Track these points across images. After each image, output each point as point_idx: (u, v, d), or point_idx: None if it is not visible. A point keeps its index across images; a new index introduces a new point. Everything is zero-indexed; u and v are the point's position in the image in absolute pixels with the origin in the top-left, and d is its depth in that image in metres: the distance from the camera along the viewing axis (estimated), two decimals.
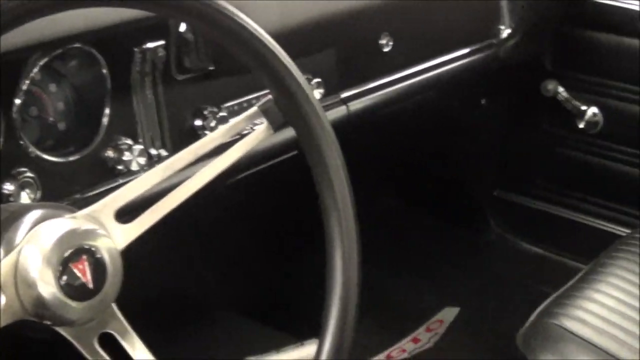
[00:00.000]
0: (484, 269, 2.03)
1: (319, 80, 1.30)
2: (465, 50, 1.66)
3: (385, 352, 1.75)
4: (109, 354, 0.80)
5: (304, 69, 0.89)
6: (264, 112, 0.85)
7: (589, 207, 1.94)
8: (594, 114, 1.83)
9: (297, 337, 1.38)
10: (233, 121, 0.86)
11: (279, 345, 1.30)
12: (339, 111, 1.36)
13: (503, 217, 2.08)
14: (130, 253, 0.81)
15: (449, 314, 1.88)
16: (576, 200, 1.96)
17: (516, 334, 1.28)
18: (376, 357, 1.73)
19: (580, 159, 1.92)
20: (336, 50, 1.35)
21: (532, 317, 1.30)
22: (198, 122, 1.13)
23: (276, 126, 0.84)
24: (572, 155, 1.93)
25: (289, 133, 0.87)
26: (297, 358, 1.16)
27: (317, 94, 1.30)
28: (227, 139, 0.85)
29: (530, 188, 2.03)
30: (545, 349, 1.21)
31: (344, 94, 1.37)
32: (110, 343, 0.81)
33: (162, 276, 1.53)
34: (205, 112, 1.13)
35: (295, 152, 1.20)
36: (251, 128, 0.86)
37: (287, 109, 0.84)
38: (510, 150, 2.03)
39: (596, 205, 1.93)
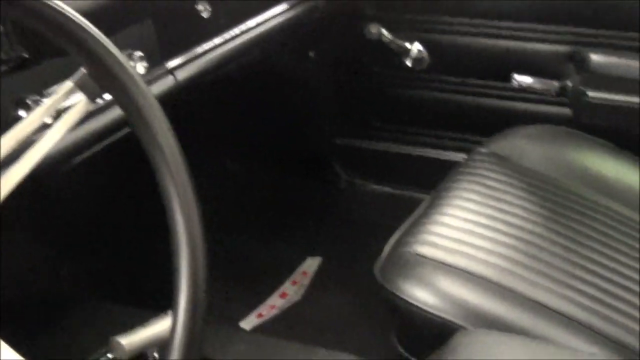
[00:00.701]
0: (338, 216, 2.08)
1: (140, 54, 1.28)
2: (285, 6, 1.68)
3: (255, 312, 1.78)
4: None
5: (123, 44, 0.88)
6: (80, 86, 0.84)
7: (428, 140, 2.02)
8: (419, 51, 1.89)
9: (164, 309, 1.38)
10: (49, 100, 0.84)
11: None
12: (167, 82, 1.35)
13: (348, 162, 2.13)
14: None
15: (311, 264, 1.92)
16: (414, 135, 2.03)
17: (373, 268, 1.32)
18: (247, 319, 1.75)
19: (412, 95, 1.99)
20: (154, 21, 1.34)
21: (386, 250, 1.35)
22: (22, 112, 1.11)
23: (94, 98, 0.83)
24: (404, 93, 2.00)
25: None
26: (165, 327, 1.16)
27: (141, 68, 1.28)
28: (49, 120, 0.84)
29: (369, 131, 2.08)
30: (402, 276, 1.26)
31: (169, 64, 1.37)
32: None
33: (15, 273, 1.50)
34: (28, 101, 1.11)
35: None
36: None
37: (102, 79, 0.83)
38: (344, 97, 2.08)
39: (434, 137, 2.01)
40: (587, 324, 1.19)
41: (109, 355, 1.39)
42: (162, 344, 1.16)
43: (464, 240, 1.31)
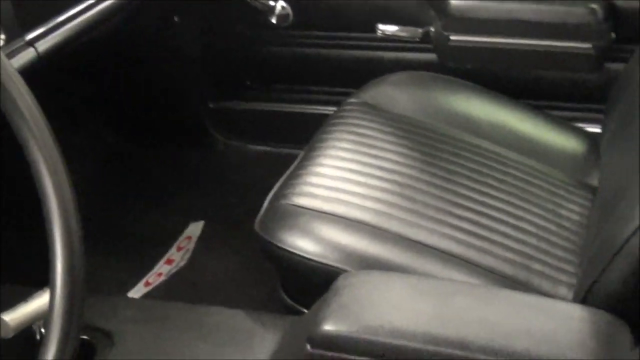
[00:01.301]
0: (217, 179, 2.08)
1: None
2: None
3: (143, 281, 1.77)
4: None
5: None
6: None
7: (300, 96, 2.04)
8: (283, 7, 1.90)
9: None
10: None
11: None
12: (28, 54, 1.32)
13: (224, 125, 2.13)
14: None
15: (195, 229, 1.92)
16: (287, 93, 2.05)
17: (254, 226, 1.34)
18: (134, 288, 1.75)
19: (281, 53, 2.00)
20: None
21: (265, 204, 1.37)
22: None
23: None
24: (272, 51, 2.01)
25: None
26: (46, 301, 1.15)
27: None
28: None
29: (242, 92, 2.09)
30: (282, 228, 1.28)
31: (29, 36, 1.34)
32: None
33: None
34: None
35: None
36: None
37: None
38: (214, 60, 2.07)
39: (306, 93, 2.03)
40: (463, 257, 1.24)
41: None
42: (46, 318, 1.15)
43: (339, 188, 1.34)
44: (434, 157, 1.44)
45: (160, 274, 1.79)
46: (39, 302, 1.02)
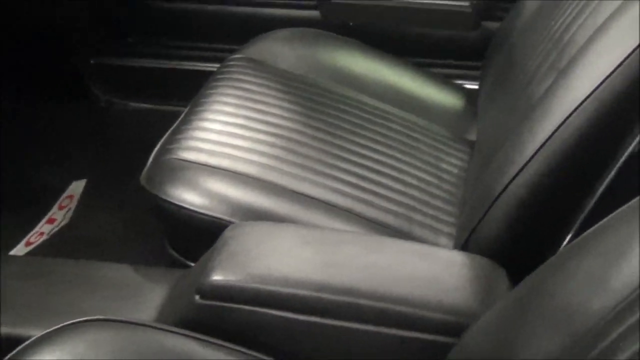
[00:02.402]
0: (100, 137, 2.05)
1: None
2: None
3: (24, 240, 1.74)
4: None
5: None
6: None
7: (184, 53, 2.02)
8: None
9: None
10: None
11: None
12: None
13: (107, 82, 2.09)
14: None
15: (77, 187, 1.89)
16: (171, 49, 2.03)
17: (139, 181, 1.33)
18: (15, 248, 1.71)
19: (164, 8, 1.98)
20: None
21: (150, 159, 1.36)
22: None
23: None
24: (155, 6, 1.98)
25: None
26: None
27: None
28: None
29: (123, 48, 2.06)
30: (168, 182, 1.27)
31: None
32: None
33: None
34: None
35: None
36: None
37: None
38: (95, 15, 2.03)
39: (189, 49, 2.02)
40: (347, 208, 1.27)
41: None
42: None
43: (224, 142, 1.34)
44: (318, 112, 1.46)
45: (42, 234, 1.76)
46: None
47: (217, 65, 1.71)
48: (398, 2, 1.77)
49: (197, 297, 1.01)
